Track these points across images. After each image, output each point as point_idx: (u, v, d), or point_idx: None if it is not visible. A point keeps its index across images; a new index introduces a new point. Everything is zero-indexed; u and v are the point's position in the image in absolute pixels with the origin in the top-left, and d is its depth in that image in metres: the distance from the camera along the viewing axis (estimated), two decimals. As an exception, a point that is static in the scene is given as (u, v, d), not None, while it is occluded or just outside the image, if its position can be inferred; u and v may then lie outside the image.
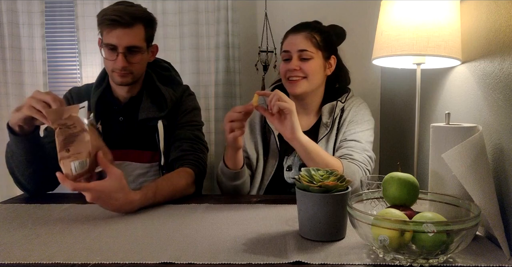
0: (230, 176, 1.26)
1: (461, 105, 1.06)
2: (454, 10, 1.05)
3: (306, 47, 1.31)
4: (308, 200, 0.83)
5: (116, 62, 1.24)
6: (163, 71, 1.43)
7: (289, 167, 1.39)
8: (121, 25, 1.21)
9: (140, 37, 1.26)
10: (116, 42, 1.22)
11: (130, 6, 1.26)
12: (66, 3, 1.96)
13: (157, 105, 1.35)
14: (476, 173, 0.79)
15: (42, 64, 1.87)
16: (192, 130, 1.35)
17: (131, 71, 1.28)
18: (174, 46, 1.87)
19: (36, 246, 0.81)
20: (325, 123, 1.37)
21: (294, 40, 1.33)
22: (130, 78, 1.29)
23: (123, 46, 1.23)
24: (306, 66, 1.31)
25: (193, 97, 1.44)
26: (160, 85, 1.37)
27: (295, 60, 1.32)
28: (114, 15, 1.20)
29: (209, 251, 0.77)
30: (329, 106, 1.38)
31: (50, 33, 1.95)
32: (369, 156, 1.30)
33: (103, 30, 1.24)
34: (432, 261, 0.69)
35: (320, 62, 1.34)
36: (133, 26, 1.23)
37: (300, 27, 1.36)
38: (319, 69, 1.34)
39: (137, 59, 1.27)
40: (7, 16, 1.82)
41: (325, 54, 1.35)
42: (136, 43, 1.25)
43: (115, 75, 1.28)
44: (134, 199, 1.02)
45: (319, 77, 1.35)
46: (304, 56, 1.31)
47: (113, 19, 1.20)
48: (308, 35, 1.33)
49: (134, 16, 1.23)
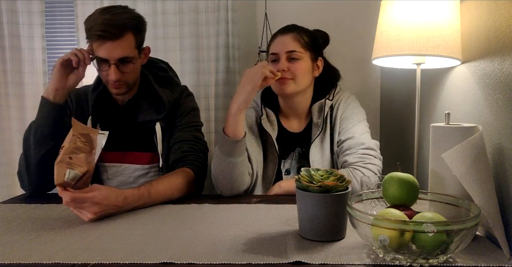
0: (230, 149, 1.18)
1: (461, 105, 1.06)
2: (454, 10, 1.05)
3: (295, 48, 1.31)
4: (308, 200, 0.83)
5: (109, 74, 1.23)
6: (160, 72, 1.42)
7: (287, 170, 1.39)
8: (110, 39, 1.19)
9: (130, 46, 1.24)
10: (107, 55, 1.21)
11: (117, 14, 1.21)
12: (66, 3, 1.96)
13: (155, 107, 1.34)
14: (476, 173, 0.79)
15: (42, 64, 1.87)
16: (191, 131, 1.35)
17: (125, 81, 1.27)
18: (174, 47, 1.87)
19: (36, 246, 0.81)
20: (316, 123, 1.36)
21: (283, 41, 1.33)
22: (124, 88, 1.29)
23: (115, 58, 1.21)
24: (294, 67, 1.31)
25: (192, 98, 1.44)
26: (157, 87, 1.36)
27: (283, 61, 1.31)
28: (100, 30, 1.17)
29: (209, 251, 0.77)
30: (318, 105, 1.37)
31: (50, 33, 1.95)
32: (366, 147, 1.27)
33: (93, 43, 1.22)
34: (432, 261, 0.69)
35: (309, 63, 1.33)
36: (122, 37, 1.20)
37: (288, 29, 1.36)
38: (307, 70, 1.33)
39: (129, 68, 1.26)
40: (7, 16, 1.82)
41: (312, 55, 1.35)
42: (127, 54, 1.23)
43: (110, 86, 1.28)
44: (128, 194, 1.03)
45: (307, 78, 1.34)
46: (293, 56, 1.31)
47: (100, 35, 1.18)
48: (296, 36, 1.33)
49: (122, 26, 1.20)
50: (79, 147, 0.99)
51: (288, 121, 1.42)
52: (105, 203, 0.97)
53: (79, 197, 0.95)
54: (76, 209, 0.97)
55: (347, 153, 1.29)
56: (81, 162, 0.98)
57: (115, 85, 1.26)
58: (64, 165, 0.95)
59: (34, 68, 1.87)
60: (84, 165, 0.98)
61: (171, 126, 1.36)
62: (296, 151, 1.40)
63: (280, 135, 1.39)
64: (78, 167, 0.97)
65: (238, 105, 1.18)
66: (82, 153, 0.99)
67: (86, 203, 0.95)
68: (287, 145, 1.40)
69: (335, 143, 1.35)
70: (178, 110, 1.37)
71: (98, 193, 0.97)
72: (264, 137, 1.40)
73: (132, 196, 1.04)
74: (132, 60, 1.25)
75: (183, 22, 1.86)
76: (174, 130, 1.35)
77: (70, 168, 0.95)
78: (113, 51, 1.21)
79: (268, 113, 1.40)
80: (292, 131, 1.41)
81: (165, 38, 1.86)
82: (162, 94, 1.34)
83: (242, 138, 1.19)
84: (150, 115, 1.33)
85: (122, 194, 1.02)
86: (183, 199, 1.16)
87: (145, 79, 1.38)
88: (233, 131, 1.18)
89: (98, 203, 0.96)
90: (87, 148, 1.00)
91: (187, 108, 1.38)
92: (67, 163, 0.95)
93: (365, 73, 1.93)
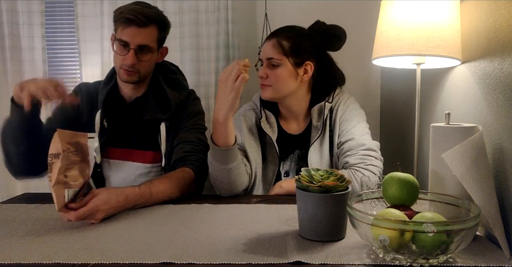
0: (222, 157, 1.15)
1: (461, 105, 1.06)
2: (454, 10, 1.05)
3: (272, 55, 1.30)
4: (308, 200, 0.83)
5: (126, 58, 1.27)
6: (170, 74, 1.45)
7: (286, 172, 1.39)
8: (136, 24, 1.25)
9: (152, 37, 1.30)
10: (129, 39, 1.26)
11: (147, 7, 1.30)
12: (66, 3, 1.96)
13: (161, 107, 1.36)
14: (476, 173, 0.79)
15: (42, 64, 1.87)
16: (195, 133, 1.36)
17: (138, 70, 1.30)
18: (175, 47, 1.87)
19: (36, 246, 0.81)
20: (316, 126, 1.35)
21: (265, 48, 1.33)
22: (136, 77, 1.32)
23: (135, 44, 1.27)
24: (272, 74, 1.30)
25: (198, 102, 1.47)
26: (166, 87, 1.38)
27: (264, 68, 1.32)
28: (130, 14, 1.24)
29: (209, 251, 0.77)
30: (318, 108, 1.36)
31: (50, 33, 1.95)
32: (366, 148, 1.27)
33: (118, 27, 1.28)
34: (432, 261, 0.69)
35: (289, 69, 1.30)
36: (147, 27, 1.27)
37: (272, 35, 1.35)
38: (287, 77, 1.30)
39: (146, 58, 1.30)
40: (7, 16, 1.82)
41: (296, 60, 1.31)
42: (147, 42, 1.28)
43: (122, 72, 1.30)
44: (128, 193, 1.03)
45: (289, 84, 1.31)
46: (273, 63, 1.30)
47: (128, 18, 1.24)
48: (275, 43, 1.30)
49: (149, 17, 1.27)
50: (72, 161, 0.94)
51: (287, 123, 1.42)
52: (107, 207, 0.97)
53: (83, 213, 0.93)
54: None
55: (348, 154, 1.28)
56: (76, 177, 0.94)
57: (128, 71, 1.29)
58: (62, 187, 0.91)
59: (34, 68, 1.87)
60: (79, 178, 0.94)
61: (176, 127, 1.37)
62: (295, 153, 1.40)
63: (280, 137, 1.39)
64: (74, 183, 0.93)
65: (224, 114, 1.10)
66: (75, 165, 0.95)
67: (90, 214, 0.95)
68: (286, 147, 1.39)
69: (335, 145, 1.34)
70: (184, 112, 1.39)
71: (97, 199, 0.96)
72: (264, 138, 1.40)
73: (133, 194, 1.04)
74: (150, 50, 1.31)
75: (183, 22, 1.86)
76: (179, 131, 1.37)
77: (68, 187, 0.92)
78: (136, 36, 1.26)
79: (268, 115, 1.40)
80: (292, 134, 1.41)
81: (165, 38, 1.86)
82: (170, 94, 1.37)
83: (233, 145, 1.15)
84: (156, 114, 1.35)
85: (122, 193, 1.02)
86: (183, 199, 1.16)
87: (155, 79, 1.40)
88: (224, 140, 1.13)
89: (100, 209, 0.96)
90: (79, 158, 0.96)
91: (193, 111, 1.40)
92: (63, 183, 0.91)
93: (365, 73, 1.93)
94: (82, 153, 0.97)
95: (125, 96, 1.40)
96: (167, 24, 1.36)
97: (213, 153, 1.17)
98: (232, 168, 1.18)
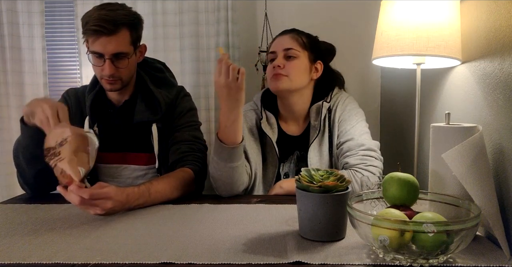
0: (228, 155, 1.15)
1: (461, 105, 1.06)
2: (454, 10, 1.05)
3: (291, 46, 1.32)
4: (308, 200, 0.83)
5: (104, 69, 1.24)
6: (157, 72, 1.42)
7: (286, 174, 1.39)
8: (105, 34, 1.20)
9: (125, 42, 1.25)
10: (102, 50, 1.22)
11: (113, 10, 1.22)
12: (66, 3, 1.96)
13: (151, 108, 1.34)
14: (476, 173, 0.79)
15: (42, 64, 1.86)
16: (190, 131, 1.35)
17: (120, 77, 1.27)
18: (174, 47, 1.87)
19: (36, 246, 0.81)
20: (314, 125, 1.35)
21: (281, 41, 1.35)
22: (119, 84, 1.29)
23: (109, 53, 1.22)
24: (290, 65, 1.31)
25: (188, 98, 1.44)
26: (153, 88, 1.36)
27: (280, 58, 1.32)
28: (96, 25, 1.18)
29: (209, 251, 0.77)
30: (316, 107, 1.36)
31: (50, 33, 1.95)
32: (366, 148, 1.27)
33: (88, 38, 1.23)
34: (432, 261, 0.69)
35: (306, 62, 1.33)
36: (117, 33, 1.21)
37: (287, 30, 1.38)
38: (303, 70, 1.33)
39: (124, 64, 1.26)
40: (7, 16, 1.81)
41: (311, 56, 1.35)
42: (122, 49, 1.24)
43: (104, 82, 1.28)
44: (128, 192, 1.02)
45: (303, 77, 1.33)
46: (290, 54, 1.31)
47: (95, 30, 1.19)
48: (294, 36, 1.35)
49: (117, 22, 1.21)
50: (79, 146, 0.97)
51: (287, 124, 1.42)
52: (117, 198, 0.97)
53: (97, 193, 0.93)
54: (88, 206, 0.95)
55: (347, 155, 1.28)
56: (83, 161, 0.97)
57: (109, 80, 1.26)
58: (75, 163, 0.94)
59: (34, 68, 1.87)
60: (86, 164, 0.97)
61: (169, 127, 1.36)
62: (295, 154, 1.40)
63: (280, 138, 1.39)
64: (83, 164, 0.95)
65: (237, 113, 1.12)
66: (82, 152, 0.98)
67: (101, 199, 0.95)
68: (286, 148, 1.39)
69: (334, 145, 1.34)
70: (175, 111, 1.37)
71: (110, 188, 0.97)
72: (264, 139, 1.40)
73: (132, 194, 1.04)
74: (126, 56, 1.26)
75: (183, 22, 1.86)
76: (173, 131, 1.35)
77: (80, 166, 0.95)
78: (107, 46, 1.21)
79: (268, 116, 1.39)
80: (291, 135, 1.41)
81: (165, 38, 1.86)
82: (158, 95, 1.34)
83: (240, 143, 1.16)
84: (146, 116, 1.33)
85: (124, 192, 1.01)
86: (183, 199, 1.16)
87: (140, 79, 1.38)
88: (233, 138, 1.14)
89: (112, 197, 0.96)
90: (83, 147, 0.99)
91: (184, 109, 1.38)
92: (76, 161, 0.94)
93: (365, 73, 1.93)
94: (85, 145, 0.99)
95: (113, 101, 1.38)
96: (138, 22, 1.30)
97: (219, 151, 1.16)
98: (237, 166, 1.18)
